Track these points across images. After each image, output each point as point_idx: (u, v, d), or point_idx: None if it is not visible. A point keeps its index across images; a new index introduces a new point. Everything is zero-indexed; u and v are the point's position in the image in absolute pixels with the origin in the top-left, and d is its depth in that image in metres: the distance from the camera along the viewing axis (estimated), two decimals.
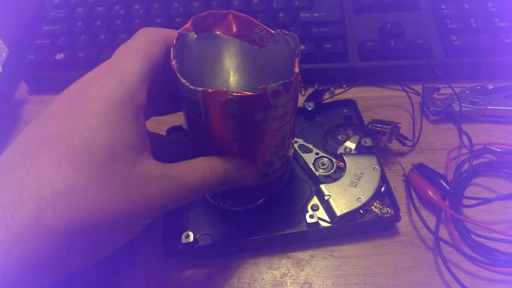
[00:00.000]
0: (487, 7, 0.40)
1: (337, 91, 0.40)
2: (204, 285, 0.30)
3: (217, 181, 0.24)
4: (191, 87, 0.21)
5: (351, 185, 0.31)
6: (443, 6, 0.41)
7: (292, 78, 0.22)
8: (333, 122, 0.36)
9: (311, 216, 0.29)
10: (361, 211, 0.30)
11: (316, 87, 0.42)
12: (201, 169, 0.23)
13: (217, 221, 0.31)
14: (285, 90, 0.22)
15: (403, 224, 0.31)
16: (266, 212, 0.31)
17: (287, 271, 0.30)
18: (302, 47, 0.40)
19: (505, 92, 0.36)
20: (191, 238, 0.29)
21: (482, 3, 0.41)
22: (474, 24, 0.39)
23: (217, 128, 0.23)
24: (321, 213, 0.30)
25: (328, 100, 0.39)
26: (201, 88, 0.21)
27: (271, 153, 0.26)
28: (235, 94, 0.21)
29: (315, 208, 0.31)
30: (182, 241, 0.29)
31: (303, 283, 0.29)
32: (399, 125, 0.33)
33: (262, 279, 0.30)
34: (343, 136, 0.36)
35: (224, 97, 0.21)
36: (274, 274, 0.30)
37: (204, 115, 0.23)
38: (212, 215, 0.32)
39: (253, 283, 0.29)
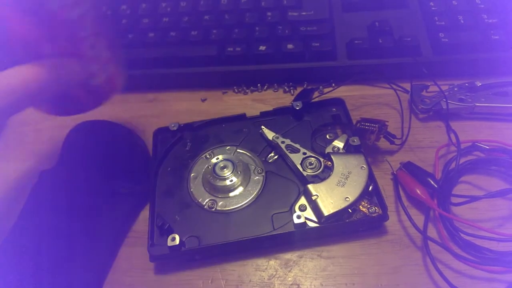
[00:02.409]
0: (475, 3, 0.40)
1: (326, 90, 0.40)
2: (192, 287, 0.29)
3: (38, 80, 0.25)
4: None
5: (338, 184, 0.30)
6: (431, 4, 0.41)
7: None
8: (322, 121, 0.36)
9: (298, 217, 0.29)
10: (349, 210, 0.29)
11: (305, 86, 0.42)
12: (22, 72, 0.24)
13: (203, 223, 0.31)
14: None
15: (391, 223, 0.31)
16: (253, 213, 0.31)
17: (275, 273, 0.29)
18: (290, 46, 0.40)
19: (493, 89, 0.36)
20: (177, 241, 0.29)
21: (471, 0, 0.41)
22: (462, 21, 0.39)
23: None
24: (309, 213, 0.30)
25: (316, 99, 0.38)
26: None
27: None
28: None
29: (302, 208, 0.30)
30: (168, 244, 0.29)
31: (291, 284, 0.29)
32: (386, 123, 0.33)
33: (250, 280, 0.29)
34: (331, 135, 0.35)
35: None
36: (262, 276, 0.29)
37: None
38: (199, 217, 0.31)
39: (241, 285, 0.29)
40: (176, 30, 0.43)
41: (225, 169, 0.33)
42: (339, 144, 0.34)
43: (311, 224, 0.30)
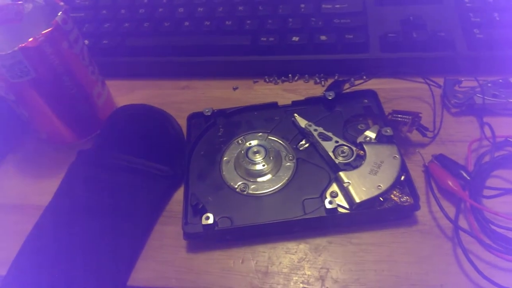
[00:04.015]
0: None
1: (357, 82, 0.40)
2: (222, 267, 0.30)
3: None
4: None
5: (371, 173, 0.31)
6: (467, 0, 0.41)
7: None
8: (353, 112, 0.37)
9: (330, 202, 0.30)
10: (380, 198, 0.30)
11: (336, 78, 0.42)
12: None
13: (236, 205, 0.32)
14: None
15: (422, 213, 0.31)
16: (284, 198, 0.32)
17: (305, 256, 0.30)
18: (323, 37, 0.41)
19: None
20: (211, 220, 0.30)
21: None
22: (498, 18, 0.39)
23: None
24: (340, 200, 0.31)
25: (348, 91, 0.39)
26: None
27: None
28: None
29: (334, 195, 0.31)
30: (202, 223, 0.30)
31: (321, 268, 0.29)
32: (420, 115, 0.33)
33: (280, 263, 0.30)
34: (363, 125, 0.36)
35: None
36: (292, 259, 0.30)
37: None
38: (231, 199, 0.32)
39: (271, 266, 0.30)
40: (210, 20, 0.44)
41: (257, 154, 0.33)
42: (371, 134, 0.34)
43: (342, 211, 0.30)
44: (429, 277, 0.28)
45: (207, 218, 0.30)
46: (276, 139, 0.36)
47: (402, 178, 0.31)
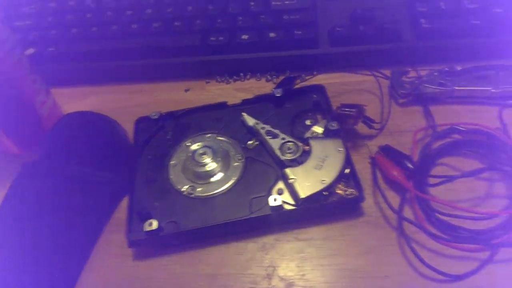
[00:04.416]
0: None
1: (308, 77, 0.40)
2: (170, 272, 0.30)
3: None
4: None
5: (316, 168, 0.31)
6: None
7: None
8: (302, 108, 0.36)
9: (275, 200, 0.29)
10: (324, 193, 0.30)
11: (287, 74, 0.42)
12: None
13: (182, 209, 0.31)
14: None
15: (369, 205, 0.31)
16: (231, 198, 0.31)
17: (252, 256, 0.30)
18: (273, 34, 0.40)
19: (473, 73, 0.36)
20: (155, 226, 0.29)
21: None
22: (443, 7, 0.39)
23: None
24: (286, 196, 0.30)
25: (298, 86, 0.39)
26: None
27: None
28: None
29: (280, 192, 0.31)
30: (145, 229, 0.29)
31: (268, 267, 0.29)
32: (364, 107, 0.33)
33: (228, 264, 0.29)
34: (311, 121, 0.36)
35: None
36: (240, 259, 0.30)
37: None
38: (178, 203, 0.32)
39: (219, 268, 0.29)
40: (159, 21, 0.43)
41: (204, 156, 0.33)
42: (318, 129, 0.34)
43: (288, 207, 0.30)
44: (375, 269, 0.28)
45: (150, 224, 0.29)
46: (225, 139, 0.35)
47: (347, 171, 0.31)
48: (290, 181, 0.30)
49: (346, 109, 0.34)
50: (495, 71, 0.36)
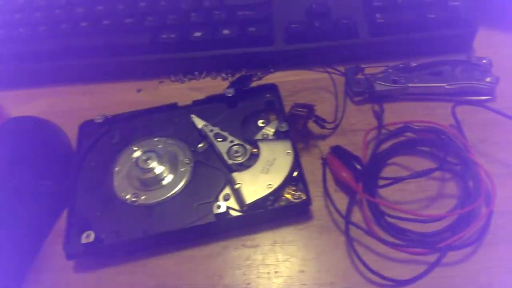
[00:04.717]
0: None
1: (263, 75, 0.39)
2: (112, 284, 0.28)
3: None
4: None
5: (262, 171, 0.29)
6: None
7: None
8: (255, 108, 0.35)
9: (219, 207, 0.28)
10: (271, 197, 0.29)
11: (243, 72, 0.40)
12: None
13: (124, 218, 0.30)
14: None
15: (319, 208, 0.30)
16: (176, 205, 0.30)
17: (198, 265, 0.29)
18: (226, 31, 0.39)
19: (428, 69, 0.35)
20: (92, 238, 0.27)
21: None
22: (399, 1, 0.38)
23: None
24: (232, 202, 0.29)
25: (253, 85, 0.37)
26: None
27: None
28: None
29: (226, 197, 0.29)
30: (82, 241, 0.27)
31: (213, 276, 0.28)
32: (314, 107, 0.32)
33: (172, 273, 0.28)
34: (264, 121, 0.34)
35: None
36: (185, 268, 0.28)
37: None
38: (121, 211, 0.30)
39: (163, 278, 0.28)
40: (110, 18, 0.41)
41: (148, 161, 0.31)
42: (269, 130, 0.33)
43: (234, 214, 0.29)
44: (321, 275, 0.27)
45: (88, 236, 0.28)
46: (174, 143, 0.34)
47: (295, 174, 0.30)
48: (236, 186, 0.29)
49: (298, 109, 0.33)
50: (450, 67, 0.35)
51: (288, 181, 0.29)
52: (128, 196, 0.31)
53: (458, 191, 0.29)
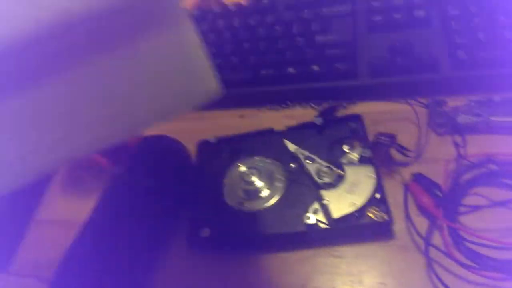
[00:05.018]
0: (498, 21, 0.41)
1: (349, 106, 0.43)
2: (220, 270, 0.35)
3: None
4: None
5: (348, 191, 0.34)
6: (452, 22, 0.43)
7: None
8: (340, 135, 0.40)
9: (309, 218, 0.33)
10: (356, 214, 0.33)
11: (330, 103, 0.46)
12: None
13: (231, 220, 0.36)
14: None
15: (399, 229, 0.33)
16: (274, 214, 0.36)
17: (288, 267, 0.34)
18: (316, 67, 0.45)
19: (511, 104, 0.37)
20: (208, 233, 0.35)
21: (493, 17, 0.42)
22: (481, 38, 0.40)
23: None
24: (320, 216, 0.34)
25: (339, 115, 0.42)
26: None
27: None
28: None
29: (315, 211, 0.34)
30: (201, 235, 0.35)
31: (303, 278, 0.33)
32: (396, 136, 0.36)
33: (264, 273, 0.34)
34: (349, 147, 0.39)
35: None
36: (276, 268, 0.34)
37: None
38: (228, 215, 0.37)
39: (256, 276, 0.34)
40: (219, 57, 0.50)
41: (251, 176, 0.38)
42: (353, 155, 0.37)
43: (322, 226, 0.34)
44: None
45: (206, 232, 0.35)
46: (271, 162, 0.40)
47: (377, 196, 0.34)
48: (324, 202, 0.34)
49: (381, 138, 0.37)
50: None
51: (371, 202, 0.33)
52: (234, 204, 0.38)
53: None
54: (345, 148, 0.39)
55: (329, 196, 0.34)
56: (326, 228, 0.33)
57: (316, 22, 0.49)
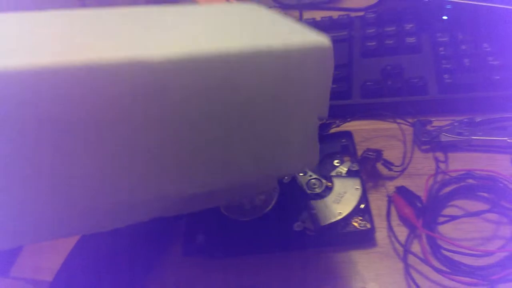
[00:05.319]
0: (482, 47, 0.44)
1: (342, 123, 0.47)
2: (214, 276, 0.38)
3: None
4: None
5: (334, 202, 0.37)
6: (440, 49, 0.46)
7: None
8: (332, 150, 0.43)
9: (298, 226, 0.36)
10: (341, 223, 0.36)
11: (324, 120, 0.49)
12: None
13: (227, 228, 0.39)
14: None
15: (381, 238, 0.36)
16: (266, 222, 0.39)
17: (278, 274, 0.36)
18: None
19: (491, 124, 0.39)
20: (203, 240, 0.38)
21: (478, 44, 0.45)
22: (467, 64, 0.43)
23: None
24: (309, 224, 0.37)
25: (332, 131, 0.45)
26: None
27: None
28: None
29: (304, 220, 0.37)
30: (196, 242, 0.38)
31: (292, 286, 0.35)
32: (383, 152, 0.39)
33: (256, 274, 0.37)
34: (339, 161, 0.42)
35: None
36: (266, 276, 0.36)
37: None
38: (224, 223, 0.40)
39: (249, 276, 0.37)
40: None
41: None
42: (342, 169, 0.40)
43: (310, 233, 0.36)
44: None
45: (200, 238, 0.38)
46: None
47: (362, 206, 0.36)
48: (313, 211, 0.37)
49: (369, 153, 0.40)
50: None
51: (356, 211, 0.36)
52: (229, 212, 0.41)
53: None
54: (336, 162, 0.42)
55: (317, 206, 0.37)
56: (314, 235, 0.36)
57: None
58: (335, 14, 0.61)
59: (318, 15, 0.64)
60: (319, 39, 0.26)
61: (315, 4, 0.69)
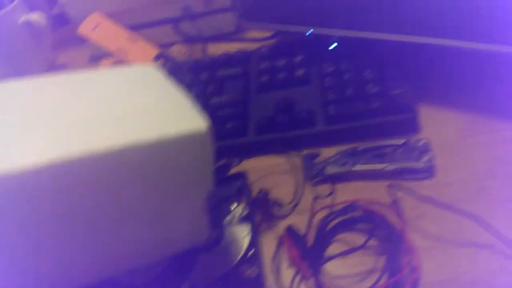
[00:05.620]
0: (363, 75, 0.46)
1: (240, 162, 0.46)
2: None
3: None
4: None
5: (223, 253, 0.36)
6: (327, 79, 0.48)
7: None
8: (227, 194, 0.42)
9: (191, 282, 0.35)
10: (231, 273, 0.35)
11: (223, 162, 0.48)
12: None
13: None
14: None
15: (272, 282, 0.35)
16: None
17: None
18: None
19: (371, 152, 0.41)
20: None
21: (360, 72, 0.47)
22: (348, 93, 0.45)
23: None
24: (198, 281, 0.35)
25: (231, 172, 0.45)
26: None
27: None
28: None
29: (193, 278, 0.36)
30: None
31: None
32: (270, 192, 0.39)
33: None
34: (234, 206, 0.41)
35: None
36: None
37: None
38: None
39: None
40: None
41: None
42: (236, 214, 0.40)
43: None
44: None
45: None
46: None
47: (250, 253, 0.36)
48: (203, 265, 0.36)
49: (259, 194, 0.40)
50: (391, 149, 0.40)
51: (244, 260, 0.35)
52: None
53: (389, 264, 0.33)
54: (232, 206, 0.41)
55: (206, 259, 0.36)
56: None
57: (212, 84, 0.53)
58: (237, 46, 0.61)
59: (222, 47, 0.64)
60: (196, 125, 0.29)
61: (219, 37, 0.69)
